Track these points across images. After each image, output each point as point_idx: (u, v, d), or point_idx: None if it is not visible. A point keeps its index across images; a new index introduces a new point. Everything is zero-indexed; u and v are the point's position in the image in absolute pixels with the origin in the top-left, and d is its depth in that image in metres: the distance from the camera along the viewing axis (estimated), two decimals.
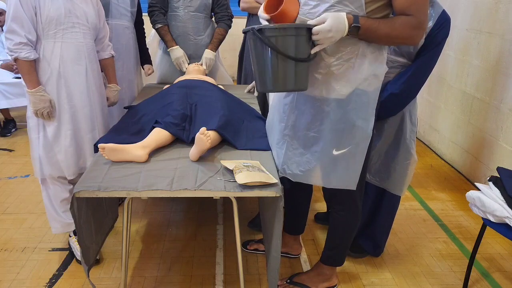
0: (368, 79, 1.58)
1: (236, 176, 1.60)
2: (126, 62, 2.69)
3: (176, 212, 2.79)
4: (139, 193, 1.57)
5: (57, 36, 2.02)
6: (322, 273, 2.06)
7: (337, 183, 1.71)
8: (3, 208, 2.80)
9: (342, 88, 1.59)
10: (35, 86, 2.00)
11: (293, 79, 1.48)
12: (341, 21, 1.44)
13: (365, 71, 1.57)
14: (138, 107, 2.27)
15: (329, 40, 1.47)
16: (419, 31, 1.49)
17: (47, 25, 1.98)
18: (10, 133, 4.14)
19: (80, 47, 2.09)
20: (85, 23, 2.09)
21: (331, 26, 1.43)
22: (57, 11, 1.98)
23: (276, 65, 1.45)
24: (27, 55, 1.95)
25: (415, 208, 2.94)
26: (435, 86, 3.95)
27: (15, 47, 1.94)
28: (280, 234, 1.68)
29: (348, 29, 1.45)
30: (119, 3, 2.55)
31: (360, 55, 1.56)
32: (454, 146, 3.61)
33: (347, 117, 1.62)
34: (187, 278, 2.16)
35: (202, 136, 1.70)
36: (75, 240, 2.32)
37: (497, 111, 3.03)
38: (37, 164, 2.16)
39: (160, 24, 2.82)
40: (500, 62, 3.01)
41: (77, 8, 2.05)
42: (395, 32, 1.48)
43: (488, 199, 1.86)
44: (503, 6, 2.98)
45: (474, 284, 2.19)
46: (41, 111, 2.03)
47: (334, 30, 1.44)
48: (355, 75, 1.57)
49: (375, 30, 1.48)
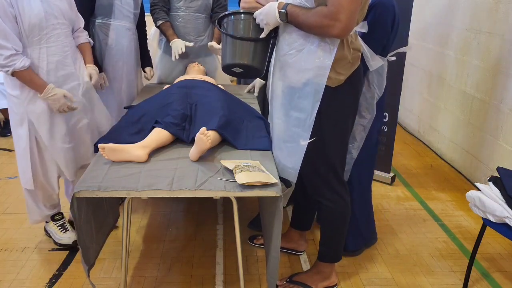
0: (315, 70, 1.65)
1: (236, 176, 1.60)
2: (126, 63, 2.70)
3: (176, 212, 2.79)
4: (139, 193, 1.57)
5: (41, 42, 1.99)
6: (321, 271, 2.07)
7: (282, 173, 1.84)
8: (3, 208, 2.80)
9: (294, 76, 1.70)
10: (43, 89, 2.00)
11: (240, 53, 1.78)
12: (272, 7, 1.65)
13: (312, 62, 1.65)
14: (138, 107, 2.27)
15: (265, 23, 1.69)
16: (330, 21, 1.51)
17: (31, 32, 1.94)
18: (10, 133, 4.13)
19: (65, 48, 2.09)
20: (64, 21, 2.08)
21: (261, 11, 1.69)
22: (37, 16, 1.93)
23: (226, 43, 1.82)
24: (22, 64, 1.91)
25: (415, 208, 2.94)
26: (435, 86, 3.95)
27: (7, 61, 1.88)
28: (279, 234, 1.68)
29: (278, 14, 1.63)
30: (122, 5, 2.55)
31: (310, 46, 1.64)
32: (454, 146, 3.61)
33: (294, 105, 1.73)
34: (187, 278, 2.16)
35: (202, 136, 1.70)
36: (53, 225, 2.40)
37: (497, 111, 3.03)
38: (27, 174, 2.15)
39: (162, 20, 2.83)
40: (500, 62, 3.01)
41: (54, 7, 2.01)
42: (309, 20, 1.56)
43: (488, 199, 1.86)
44: (503, 6, 2.98)
45: (474, 284, 2.19)
46: (62, 108, 2.05)
47: (264, 13, 1.68)
48: (304, 64, 1.66)
49: (295, 17, 1.61)
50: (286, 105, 1.77)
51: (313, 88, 1.67)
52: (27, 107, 2.05)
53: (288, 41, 1.70)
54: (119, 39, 2.60)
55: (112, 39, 2.56)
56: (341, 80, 1.68)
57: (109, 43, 2.57)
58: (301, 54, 1.66)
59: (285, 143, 1.80)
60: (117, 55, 2.61)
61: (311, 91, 1.67)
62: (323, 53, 1.63)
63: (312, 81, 1.66)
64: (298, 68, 1.68)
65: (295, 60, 1.68)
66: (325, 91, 1.66)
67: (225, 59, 1.85)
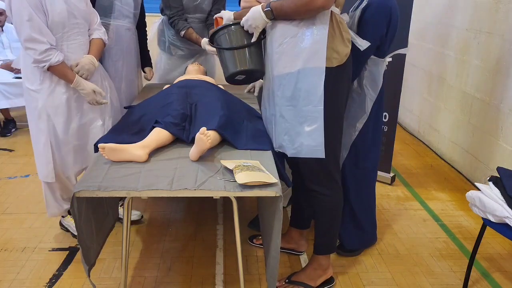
0: (312, 51, 1.71)
1: (236, 176, 1.60)
2: (126, 63, 2.70)
3: (176, 212, 2.79)
4: (139, 192, 1.57)
5: (62, 39, 2.05)
6: (319, 265, 2.08)
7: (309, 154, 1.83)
8: (3, 208, 2.80)
9: (292, 63, 1.75)
10: (74, 79, 2.07)
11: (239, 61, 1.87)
12: (256, 10, 1.74)
13: (308, 43, 1.71)
14: (138, 107, 2.27)
15: (253, 27, 1.78)
16: None
17: (53, 29, 2.00)
18: (10, 133, 4.14)
19: (83, 46, 2.15)
20: (81, 21, 2.13)
21: (247, 17, 1.77)
22: (60, 14, 1.99)
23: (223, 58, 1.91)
24: (58, 59, 1.98)
25: (415, 208, 2.94)
26: (435, 86, 3.95)
27: (42, 56, 1.94)
28: (279, 234, 1.68)
29: (264, 14, 1.72)
30: (122, 5, 2.55)
31: (302, 30, 1.72)
32: (454, 146, 3.61)
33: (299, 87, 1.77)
34: (187, 278, 2.16)
35: (202, 136, 1.70)
36: (70, 218, 2.44)
37: (497, 111, 3.03)
38: (49, 167, 2.19)
39: (184, 30, 2.87)
40: (500, 62, 3.01)
41: (74, 8, 2.07)
42: (293, 3, 1.65)
43: (488, 199, 1.86)
44: (503, 6, 2.98)
45: (474, 284, 2.19)
46: (95, 100, 2.12)
47: (251, 18, 1.76)
48: (300, 47, 1.73)
49: (280, 9, 1.70)
50: (290, 91, 1.79)
51: (314, 69, 1.72)
52: (46, 100, 2.10)
53: (280, 32, 1.76)
54: (119, 39, 2.60)
55: (112, 39, 2.56)
56: (342, 60, 1.76)
57: (109, 43, 2.57)
58: (295, 39, 1.73)
59: (302, 125, 1.80)
60: (117, 55, 2.61)
61: (312, 72, 1.73)
62: (316, 31, 1.70)
63: (311, 62, 1.72)
64: (296, 52, 1.74)
65: (291, 46, 1.74)
66: (328, 72, 1.72)
67: (226, 71, 1.93)
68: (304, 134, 1.80)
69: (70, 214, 2.44)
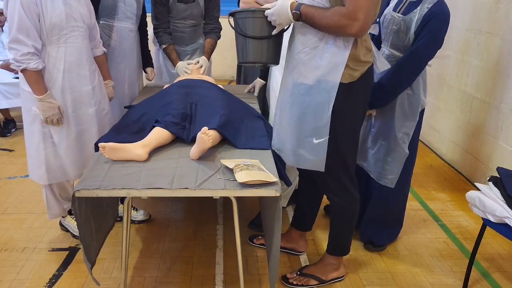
0: (329, 67, 1.67)
1: (236, 175, 1.60)
2: (128, 64, 2.70)
3: (176, 212, 2.79)
4: (139, 192, 1.57)
5: (60, 42, 2.05)
6: (330, 263, 2.11)
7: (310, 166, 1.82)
8: (3, 208, 2.80)
9: (308, 74, 1.72)
10: (43, 93, 2.02)
11: (253, 53, 1.84)
12: (284, 7, 1.67)
13: (326, 61, 1.67)
14: (138, 106, 2.27)
15: (278, 23, 1.72)
16: (348, 21, 1.54)
17: (51, 31, 2.00)
18: (10, 133, 4.13)
19: (81, 50, 2.14)
20: (82, 25, 2.13)
21: (273, 11, 1.70)
22: (58, 16, 1.99)
23: (238, 41, 1.89)
24: (35, 66, 1.96)
25: (415, 208, 2.94)
26: (435, 86, 3.95)
27: (23, 58, 1.93)
28: (279, 233, 1.68)
29: (292, 15, 1.65)
30: (126, 6, 2.55)
31: (324, 44, 1.67)
32: (454, 146, 3.61)
33: (308, 102, 1.74)
34: (187, 278, 2.16)
35: (203, 135, 1.70)
36: (70, 218, 2.45)
37: (497, 111, 3.03)
38: (41, 170, 2.18)
39: (165, 44, 2.86)
40: (500, 62, 3.01)
41: (75, 11, 2.07)
42: (326, 20, 1.59)
43: (488, 199, 1.86)
44: (503, 6, 2.99)
45: (474, 284, 2.19)
46: (51, 118, 2.07)
47: (276, 14, 1.70)
48: (318, 62, 1.69)
49: (311, 17, 1.62)
50: (300, 103, 1.77)
51: (327, 84, 1.69)
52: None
53: (302, 39, 1.73)
54: (121, 41, 2.60)
55: (114, 41, 2.56)
56: (355, 77, 1.71)
57: (111, 44, 2.57)
58: (315, 51, 1.69)
59: (306, 138, 1.79)
60: (120, 57, 2.62)
61: (326, 87, 1.70)
62: (337, 50, 1.65)
63: (326, 78, 1.68)
64: (313, 66, 1.70)
65: (310, 58, 1.71)
66: (339, 88, 1.69)
67: (241, 56, 1.91)
68: (307, 146, 1.79)
69: (70, 214, 2.46)
